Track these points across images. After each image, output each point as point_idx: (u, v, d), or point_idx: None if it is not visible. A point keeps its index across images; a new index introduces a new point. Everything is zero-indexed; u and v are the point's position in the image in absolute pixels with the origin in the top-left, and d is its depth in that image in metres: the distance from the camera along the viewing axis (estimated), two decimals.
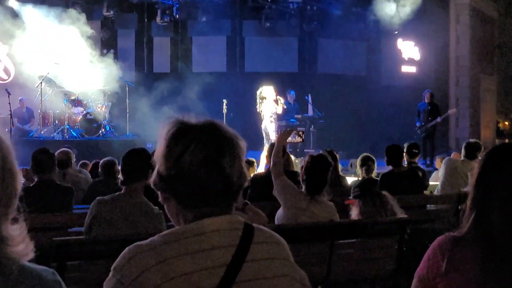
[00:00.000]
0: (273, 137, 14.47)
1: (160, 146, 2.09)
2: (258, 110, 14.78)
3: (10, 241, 1.67)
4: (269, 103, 14.63)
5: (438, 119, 17.48)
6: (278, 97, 14.81)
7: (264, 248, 2.08)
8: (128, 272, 1.94)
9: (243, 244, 2.03)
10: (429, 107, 17.62)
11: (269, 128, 14.59)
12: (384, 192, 5.86)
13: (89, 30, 17.99)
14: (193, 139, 2.06)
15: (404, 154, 9.74)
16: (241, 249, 2.01)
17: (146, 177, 5.00)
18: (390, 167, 8.64)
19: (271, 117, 14.67)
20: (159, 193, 2.12)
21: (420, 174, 9.45)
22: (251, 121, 15.75)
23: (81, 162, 11.17)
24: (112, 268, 1.99)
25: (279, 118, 16.35)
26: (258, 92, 14.76)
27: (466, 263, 2.25)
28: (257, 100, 14.72)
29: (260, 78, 16.03)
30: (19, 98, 18.02)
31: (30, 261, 1.73)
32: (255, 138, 14.84)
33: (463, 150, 9.66)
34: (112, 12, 19.35)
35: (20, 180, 1.75)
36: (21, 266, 1.69)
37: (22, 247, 1.69)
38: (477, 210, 2.31)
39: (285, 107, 15.18)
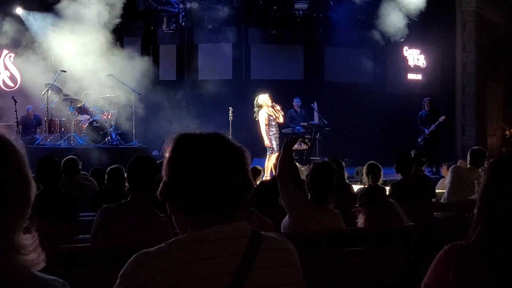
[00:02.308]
0: (273, 144, 14.47)
1: (167, 156, 2.12)
2: (256, 119, 14.76)
3: (22, 250, 1.68)
4: (265, 111, 14.61)
5: (432, 127, 17.53)
6: (273, 104, 14.77)
7: (272, 256, 2.09)
8: (135, 279, 1.96)
9: (250, 252, 2.04)
10: (430, 115, 17.69)
11: (266, 136, 14.57)
12: (391, 200, 5.85)
13: (95, 38, 18.01)
14: (199, 148, 2.08)
15: None
16: (248, 257, 2.02)
17: (152, 185, 5.00)
18: (399, 175, 8.67)
19: (267, 125, 14.64)
20: (166, 204, 2.14)
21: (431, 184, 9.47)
22: (257, 128, 15.75)
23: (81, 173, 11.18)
24: (119, 275, 2.00)
25: (284, 125, 16.33)
26: (254, 101, 14.75)
27: (473, 272, 2.24)
28: (254, 109, 14.71)
29: (266, 86, 16.01)
30: (26, 108, 18.04)
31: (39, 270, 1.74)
32: (261, 146, 14.83)
33: (468, 158, 9.64)
34: (118, 20, 19.38)
35: (34, 189, 1.76)
36: (33, 275, 1.70)
37: (34, 256, 1.70)
38: (485, 219, 2.30)
39: (282, 113, 15.08)
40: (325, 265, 5.43)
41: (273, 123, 14.77)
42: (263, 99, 14.66)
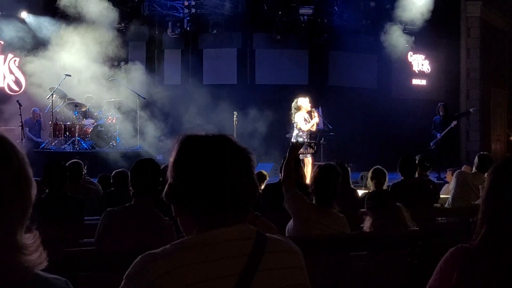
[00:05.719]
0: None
1: (172, 159, 2.12)
2: (293, 121, 14.53)
3: (25, 250, 1.68)
4: (302, 114, 14.40)
5: (453, 124, 17.43)
6: (312, 109, 14.61)
7: (277, 257, 2.09)
8: (140, 280, 1.96)
9: (256, 254, 2.04)
10: (444, 120, 17.64)
11: (307, 126, 14.37)
12: (398, 204, 5.84)
13: (100, 42, 18.04)
14: (204, 150, 2.08)
15: None
16: (253, 259, 2.02)
17: (156, 188, 5.01)
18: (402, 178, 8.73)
19: (300, 129, 14.40)
20: (172, 206, 2.14)
21: (431, 186, 9.44)
22: (261, 133, 15.72)
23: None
24: (124, 276, 2.01)
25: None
26: (293, 103, 14.52)
27: (477, 275, 2.25)
28: (292, 111, 14.49)
29: (271, 91, 16.01)
30: (32, 109, 18.03)
31: (42, 271, 1.75)
32: (266, 151, 14.80)
33: (475, 162, 9.62)
34: (123, 24, 19.41)
35: (35, 189, 1.76)
36: (35, 274, 1.71)
37: (36, 256, 1.71)
38: (488, 222, 2.30)
39: (317, 121, 14.79)
40: (329, 269, 5.42)
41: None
42: (303, 102, 14.48)
